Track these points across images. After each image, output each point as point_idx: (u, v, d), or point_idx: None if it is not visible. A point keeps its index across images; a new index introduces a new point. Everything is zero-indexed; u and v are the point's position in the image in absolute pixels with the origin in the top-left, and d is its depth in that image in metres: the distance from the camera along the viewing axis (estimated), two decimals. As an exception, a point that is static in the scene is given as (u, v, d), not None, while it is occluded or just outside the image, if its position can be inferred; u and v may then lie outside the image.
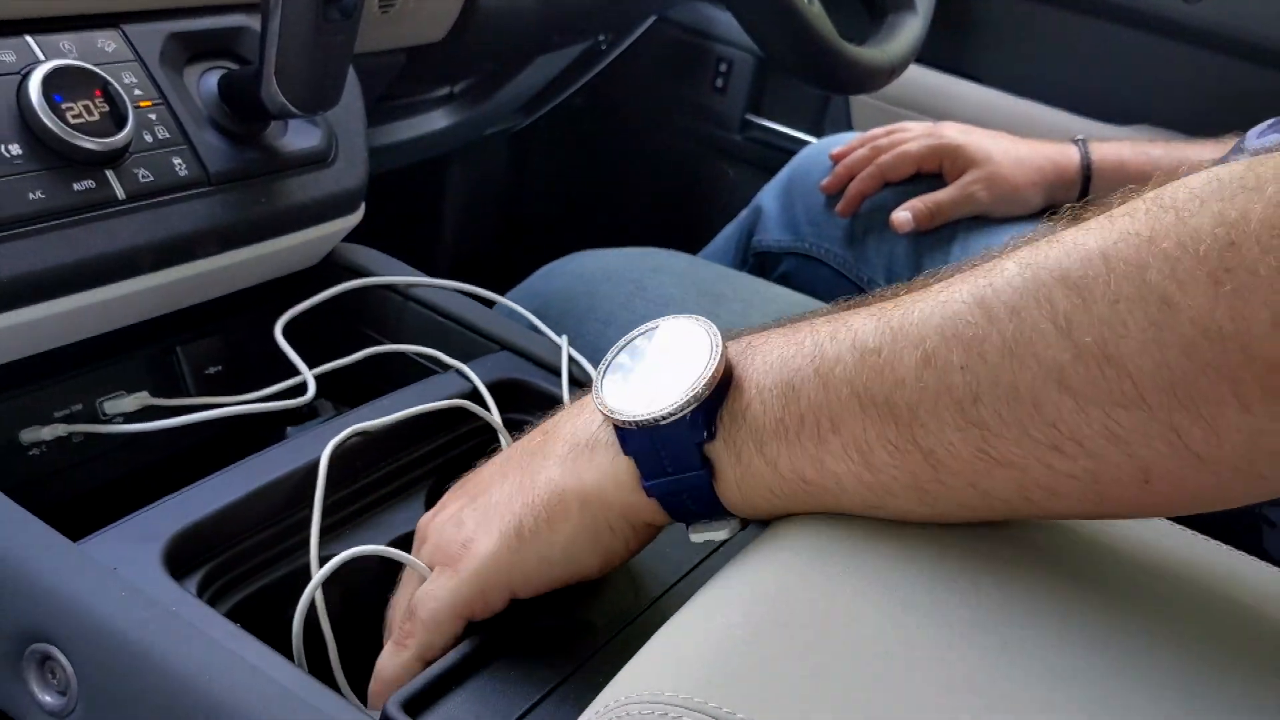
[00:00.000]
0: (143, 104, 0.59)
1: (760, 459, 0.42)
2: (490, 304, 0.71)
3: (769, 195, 1.08)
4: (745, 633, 0.39)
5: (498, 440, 0.61)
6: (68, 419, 0.60)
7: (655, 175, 1.46)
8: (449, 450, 0.62)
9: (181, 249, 0.59)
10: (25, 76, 0.54)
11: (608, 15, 0.98)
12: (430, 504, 0.59)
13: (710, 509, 0.44)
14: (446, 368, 0.65)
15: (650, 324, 0.47)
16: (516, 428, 0.64)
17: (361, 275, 0.70)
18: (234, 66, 0.65)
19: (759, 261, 1.08)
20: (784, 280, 1.06)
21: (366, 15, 0.75)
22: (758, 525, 0.58)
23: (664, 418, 0.42)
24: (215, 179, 0.61)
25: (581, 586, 0.50)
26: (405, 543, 0.53)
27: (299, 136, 0.66)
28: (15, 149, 0.53)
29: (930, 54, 1.08)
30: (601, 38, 1.18)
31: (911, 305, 0.39)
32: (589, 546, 0.46)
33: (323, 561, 0.49)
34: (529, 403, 0.65)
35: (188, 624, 0.44)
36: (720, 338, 0.43)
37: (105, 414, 0.62)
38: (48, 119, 0.54)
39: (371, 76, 0.86)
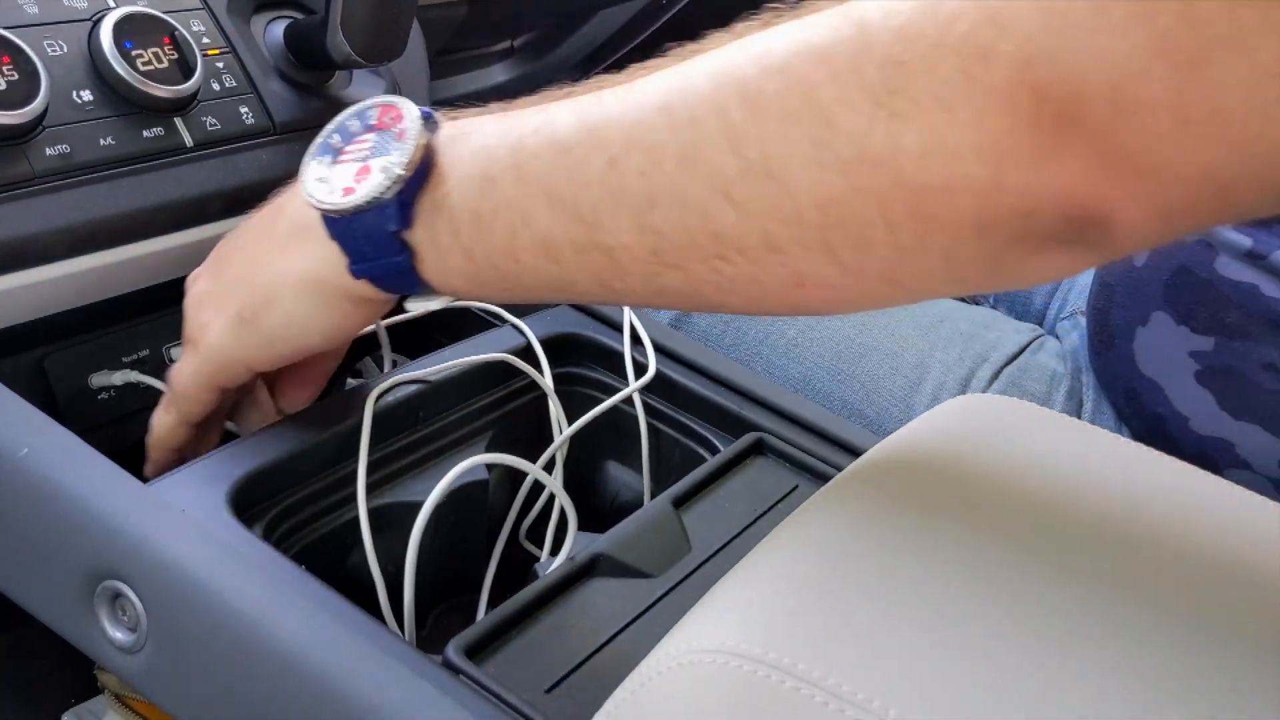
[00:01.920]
0: (210, 52, 0.60)
1: (457, 246, 0.43)
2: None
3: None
4: (808, 585, 0.39)
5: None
6: (136, 365, 0.61)
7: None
8: (509, 403, 0.62)
9: (248, 197, 0.59)
10: (97, 23, 0.55)
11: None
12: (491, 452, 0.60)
13: (415, 288, 0.46)
14: (505, 322, 0.65)
15: (366, 102, 0.47)
16: (572, 382, 0.64)
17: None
18: (299, 16, 0.65)
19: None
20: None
21: (430, -35, 0.75)
22: (813, 482, 0.58)
23: (360, 207, 0.43)
24: (281, 128, 0.61)
25: (640, 540, 0.50)
26: (458, 491, 0.53)
27: (362, 87, 0.66)
28: (87, 95, 0.54)
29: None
30: (664, -9, 1.17)
31: (612, 101, 0.40)
32: (311, 324, 0.49)
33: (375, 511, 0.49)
34: (586, 357, 0.65)
35: (256, 565, 0.44)
36: (419, 123, 0.44)
37: (172, 360, 0.63)
38: (119, 66, 0.54)
39: (433, 28, 0.86)
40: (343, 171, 0.45)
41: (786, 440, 0.60)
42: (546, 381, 0.61)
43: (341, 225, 0.45)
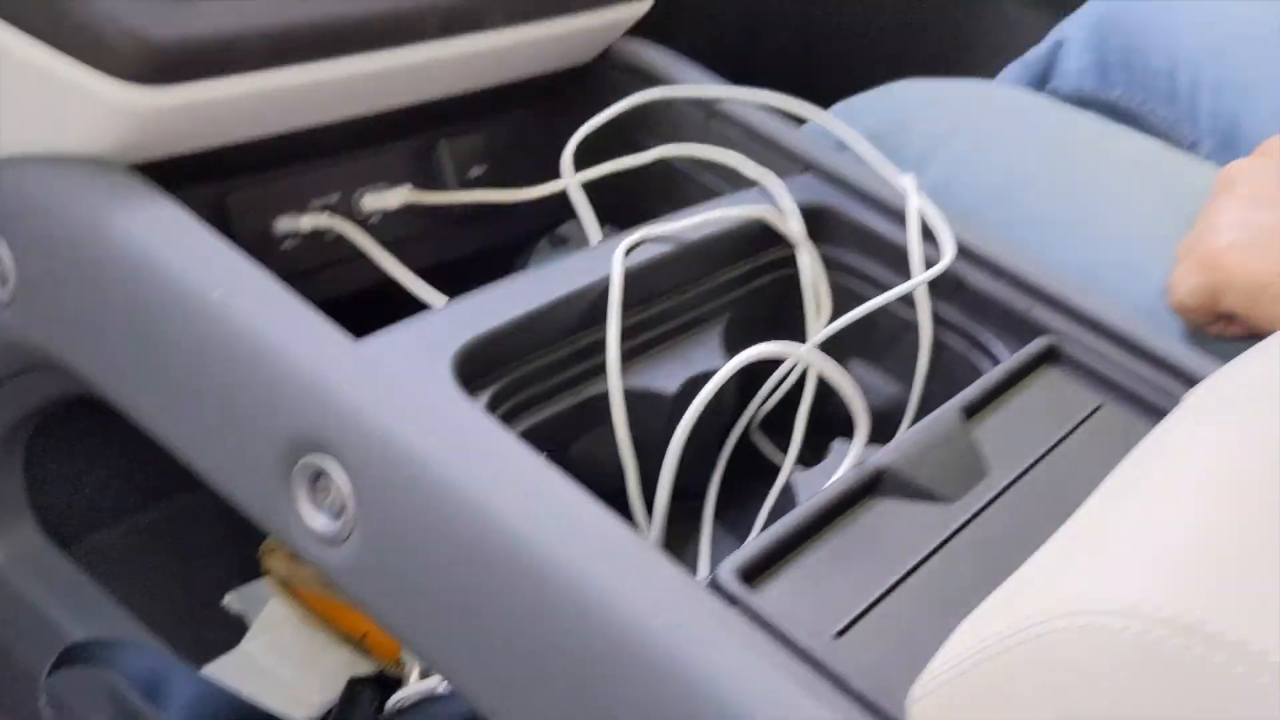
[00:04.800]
0: None
1: None
2: (802, 121, 0.61)
3: (1075, 28, 0.93)
4: (1228, 536, 0.29)
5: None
6: (326, 209, 0.53)
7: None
8: (750, 280, 0.53)
9: (468, 16, 0.50)
10: None
11: None
12: (729, 340, 0.51)
13: None
14: (750, 183, 0.55)
15: None
16: (826, 265, 0.54)
17: (651, 78, 0.60)
18: None
19: (1051, 110, 0.94)
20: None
21: None
22: (1120, 401, 0.48)
23: None
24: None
25: (931, 455, 0.41)
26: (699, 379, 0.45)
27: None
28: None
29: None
30: None
31: None
32: None
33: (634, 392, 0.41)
34: (838, 232, 0.55)
35: (484, 445, 0.36)
36: None
37: (364, 209, 0.55)
38: None
39: None
40: None
41: (1087, 348, 0.49)
42: (810, 259, 0.52)
43: None
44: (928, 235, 0.53)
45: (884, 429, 0.49)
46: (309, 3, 0.44)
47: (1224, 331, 0.54)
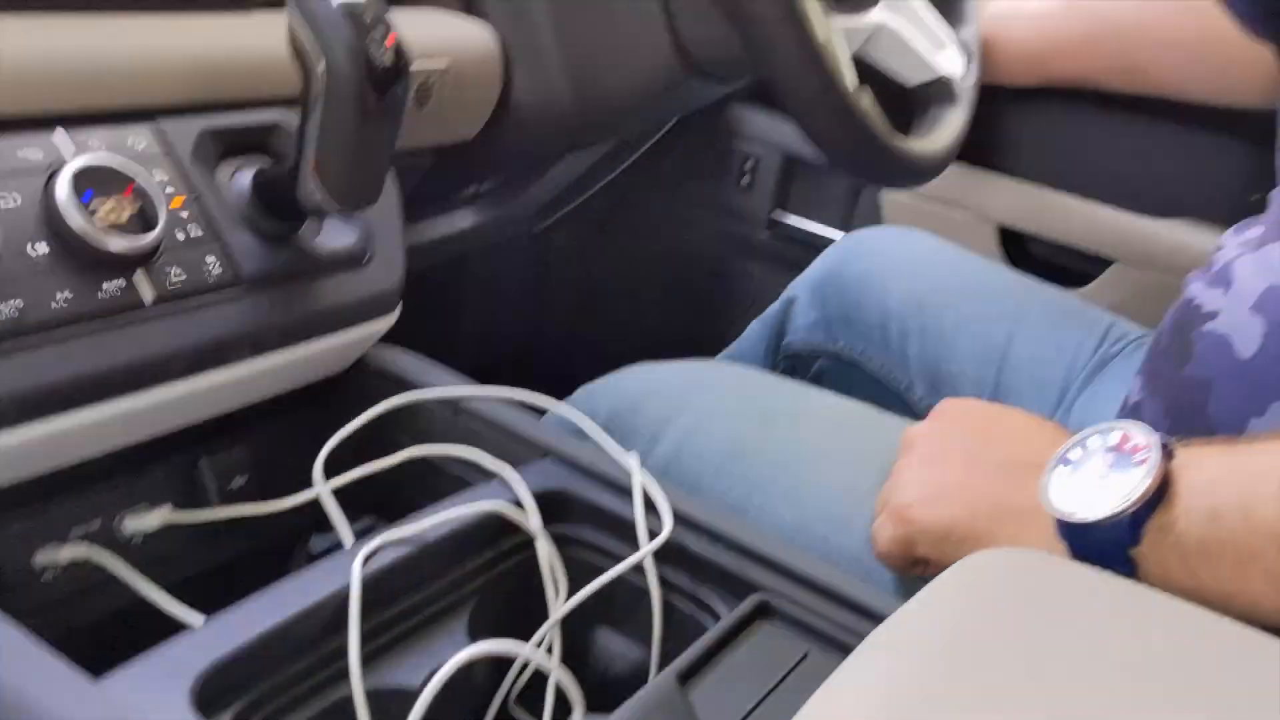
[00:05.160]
0: (174, 202, 0.56)
1: (1183, 570, 0.48)
2: (541, 412, 0.67)
3: (801, 289, 1.05)
4: None
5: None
6: (87, 537, 0.56)
7: (681, 273, 1.43)
8: (492, 568, 0.58)
9: (212, 354, 0.55)
10: (54, 174, 0.52)
11: (643, 113, 0.96)
12: (474, 627, 0.55)
13: None
14: (490, 475, 0.61)
15: (1106, 425, 0.52)
16: (563, 543, 0.60)
17: (401, 383, 0.66)
18: (268, 163, 0.62)
19: (790, 363, 1.05)
20: (816, 382, 1.02)
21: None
22: (825, 649, 0.54)
23: (1097, 522, 0.48)
24: (248, 280, 0.57)
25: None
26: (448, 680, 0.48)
27: (334, 236, 0.63)
28: (42, 248, 0.50)
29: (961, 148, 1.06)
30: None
31: None
32: None
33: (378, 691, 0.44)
34: (575, 511, 0.61)
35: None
36: (1159, 451, 0.49)
37: (125, 532, 0.58)
38: (76, 218, 0.51)
39: (401, 175, 0.84)
40: (1082, 484, 0.50)
41: (793, 601, 0.56)
42: (546, 546, 0.57)
43: (1076, 532, 0.50)
44: (652, 508, 0.59)
45: (631, 691, 0.54)
46: (55, 363, 0.49)
47: (923, 573, 0.62)
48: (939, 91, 0.88)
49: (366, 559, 0.51)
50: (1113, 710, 0.37)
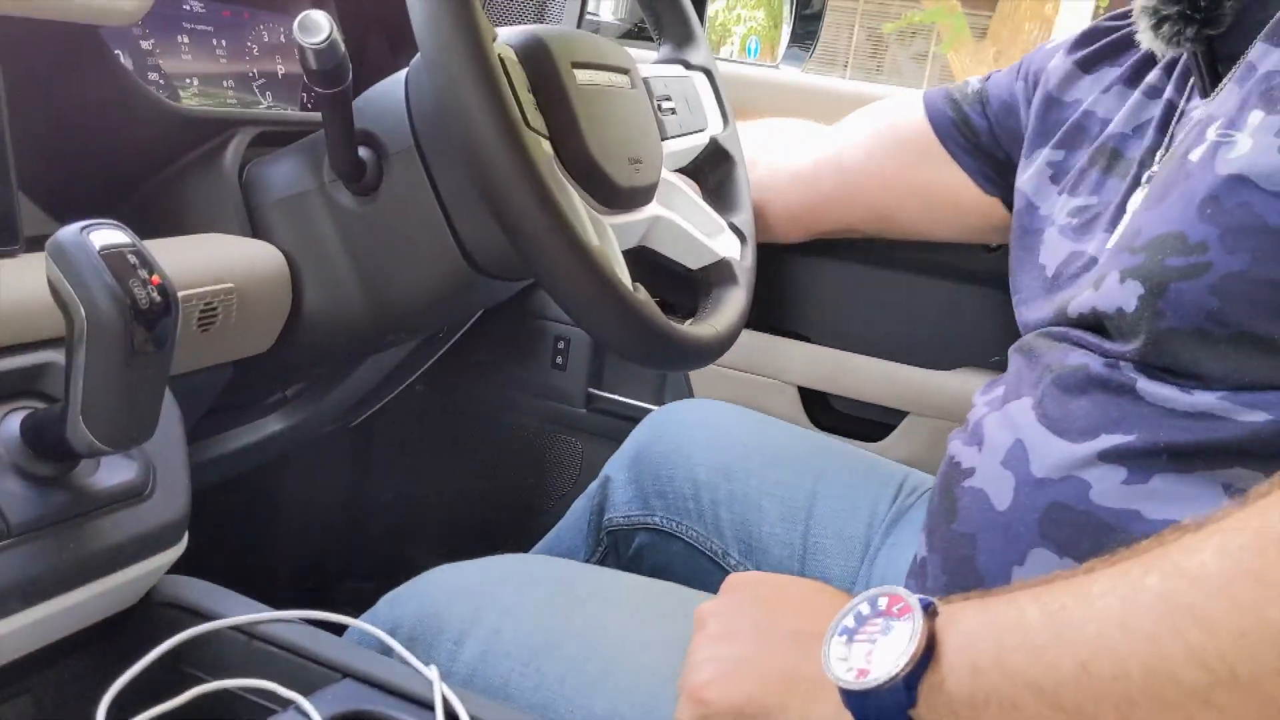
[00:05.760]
0: (-66, 457, 0.55)
1: None
2: (341, 631, 0.67)
3: (616, 467, 1.07)
4: None
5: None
6: None
7: (503, 456, 1.45)
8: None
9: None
10: None
11: (440, 312, 0.98)
12: None
13: None
14: (285, 704, 0.59)
15: (875, 591, 0.55)
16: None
17: (189, 612, 0.65)
18: (39, 405, 0.62)
19: (612, 539, 1.06)
20: (638, 557, 1.03)
21: (184, 336, 0.73)
22: None
23: (874, 688, 0.50)
24: (16, 530, 0.56)
25: None
26: None
27: (112, 472, 0.62)
28: None
29: (756, 318, 1.12)
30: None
31: (1074, 607, 0.47)
32: None
33: None
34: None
35: None
36: (921, 612, 0.52)
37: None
38: None
39: (195, 394, 0.83)
40: (858, 652, 0.53)
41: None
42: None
43: (858, 699, 0.52)
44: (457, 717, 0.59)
45: None
46: None
47: None
48: (719, 273, 0.93)
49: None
50: None
